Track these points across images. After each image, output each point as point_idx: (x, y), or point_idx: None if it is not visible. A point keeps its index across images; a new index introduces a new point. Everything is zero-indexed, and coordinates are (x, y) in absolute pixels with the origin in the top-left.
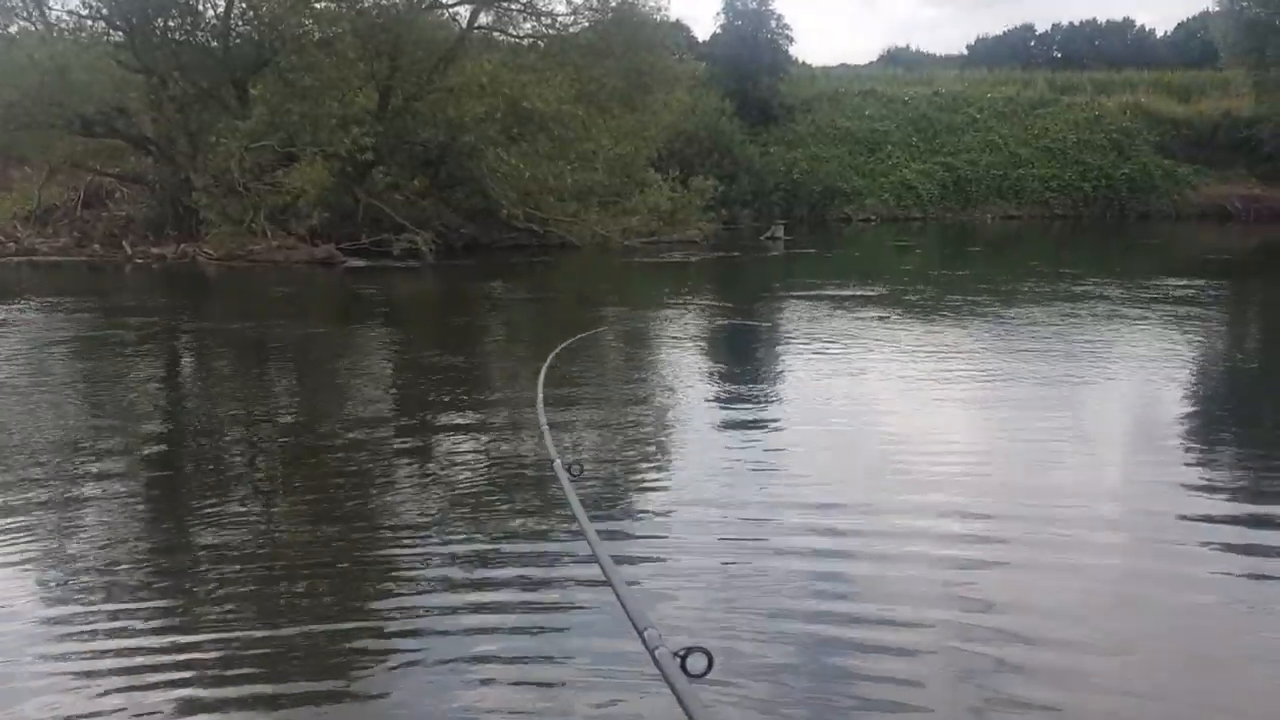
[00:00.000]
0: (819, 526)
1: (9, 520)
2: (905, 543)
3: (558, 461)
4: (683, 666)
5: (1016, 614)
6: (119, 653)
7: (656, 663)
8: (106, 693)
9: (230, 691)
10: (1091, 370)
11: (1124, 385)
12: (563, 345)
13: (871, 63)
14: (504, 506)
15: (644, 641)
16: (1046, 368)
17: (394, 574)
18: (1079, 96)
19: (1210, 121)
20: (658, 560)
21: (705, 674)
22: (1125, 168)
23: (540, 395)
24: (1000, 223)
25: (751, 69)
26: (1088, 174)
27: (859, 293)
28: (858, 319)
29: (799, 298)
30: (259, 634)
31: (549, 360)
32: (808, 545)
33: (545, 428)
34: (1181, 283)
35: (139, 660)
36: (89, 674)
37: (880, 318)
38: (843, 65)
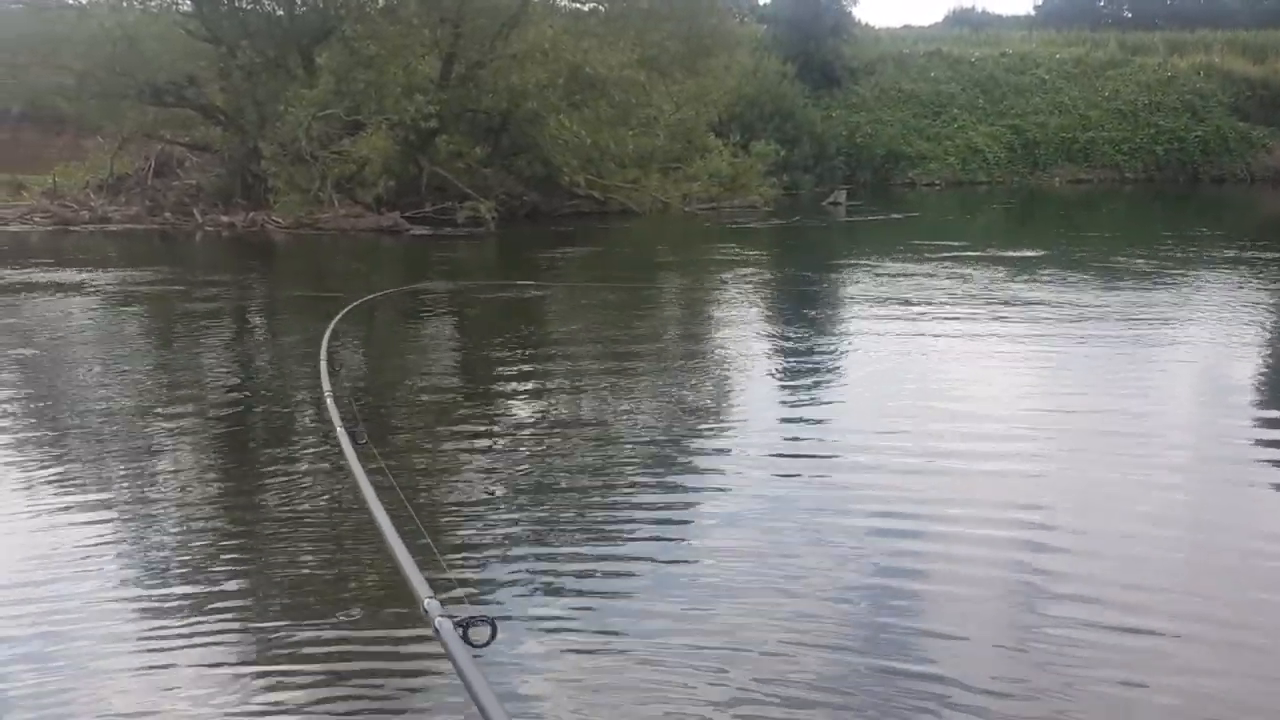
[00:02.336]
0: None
1: (85, 485)
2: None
3: (340, 429)
4: (465, 637)
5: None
6: (192, 616)
7: (438, 633)
8: (178, 664)
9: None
10: (1172, 332)
11: (1207, 350)
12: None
13: (936, 24)
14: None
15: (424, 611)
16: (1127, 330)
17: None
18: (1151, 57)
19: None
20: (453, 529)
21: (488, 644)
22: (1198, 130)
23: (324, 360)
24: (1069, 186)
25: (814, 31)
26: (1159, 137)
27: (927, 257)
28: (921, 283)
29: (858, 265)
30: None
31: (329, 328)
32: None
33: (329, 394)
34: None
35: (211, 625)
36: (163, 640)
37: (943, 282)
38: (906, 27)
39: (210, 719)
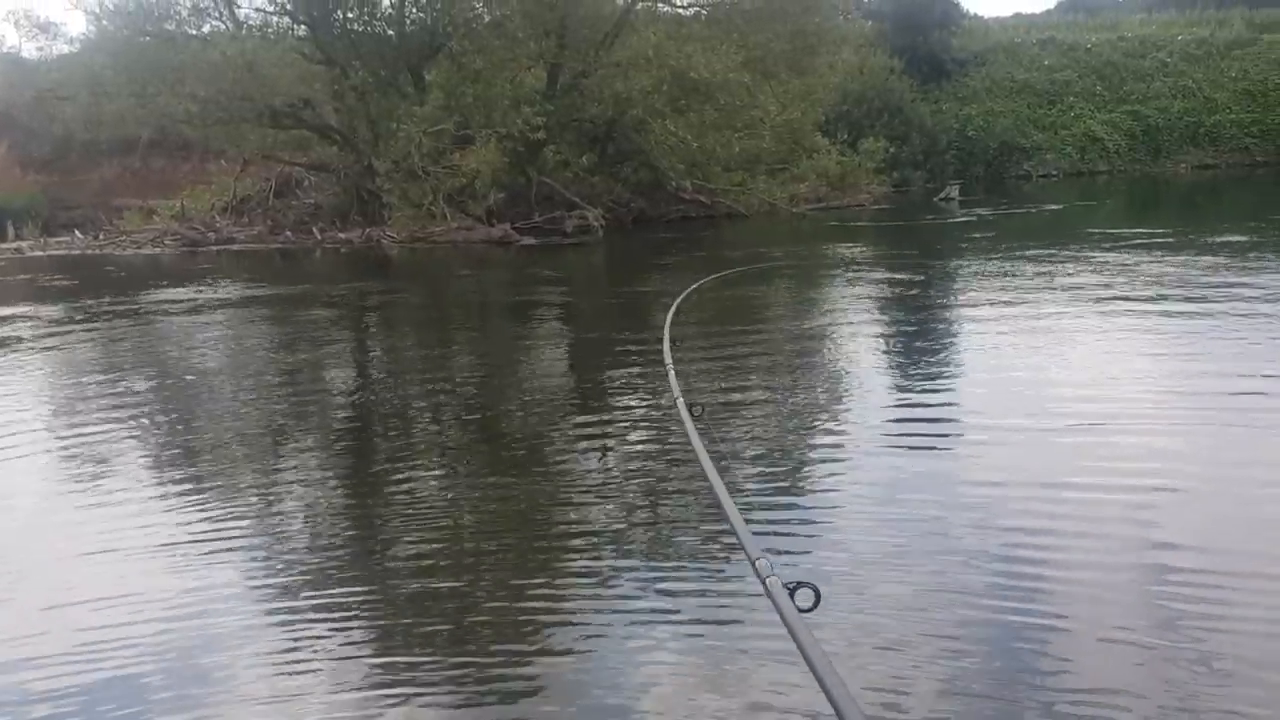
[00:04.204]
0: (948, 467)
1: (217, 495)
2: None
3: (680, 400)
4: (792, 599)
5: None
6: (322, 624)
7: (767, 590)
8: (307, 661)
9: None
10: None
11: None
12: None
13: (1049, 11)
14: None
15: (755, 570)
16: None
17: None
18: None
19: None
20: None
21: (812, 609)
22: None
23: (667, 338)
24: (1195, 173)
25: (920, 24)
26: None
27: (1045, 258)
28: (1034, 290)
29: (975, 264)
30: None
31: (672, 309)
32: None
33: (671, 368)
34: None
35: (340, 635)
36: (296, 650)
37: (1063, 286)
38: (1017, 15)
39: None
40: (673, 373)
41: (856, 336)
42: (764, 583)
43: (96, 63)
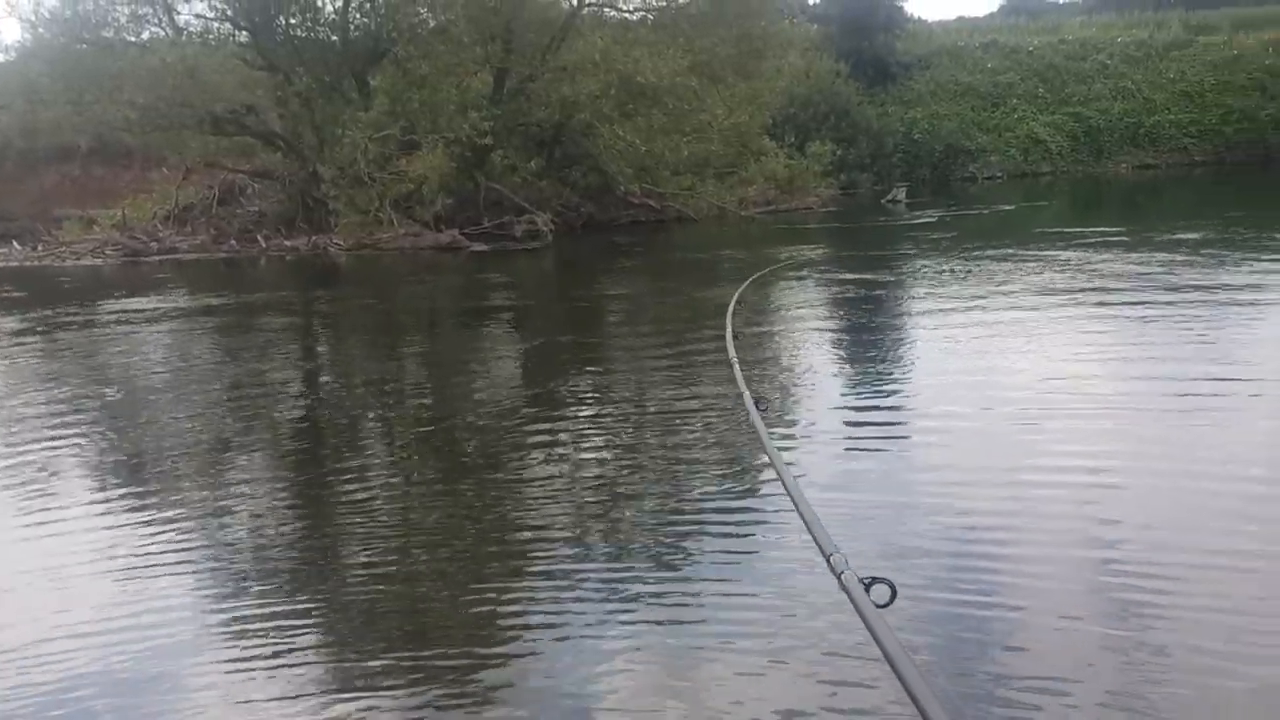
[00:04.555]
0: (1016, 468)
1: (164, 507)
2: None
3: (747, 393)
4: (867, 593)
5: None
6: (268, 630)
7: (843, 585)
8: (261, 670)
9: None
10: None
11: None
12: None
13: (991, 14)
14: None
15: (830, 566)
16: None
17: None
18: (1216, 36)
19: None
20: (844, 493)
21: (889, 604)
22: (1270, 108)
23: (730, 332)
24: (1135, 173)
25: (866, 28)
26: (1229, 117)
27: (993, 256)
28: (984, 288)
29: (925, 264)
30: (408, 630)
31: (734, 298)
32: (999, 485)
33: (735, 362)
34: None
35: (288, 637)
36: (248, 661)
37: (1012, 284)
38: (960, 19)
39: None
40: (738, 366)
41: (810, 342)
42: (839, 578)
43: (33, 70)
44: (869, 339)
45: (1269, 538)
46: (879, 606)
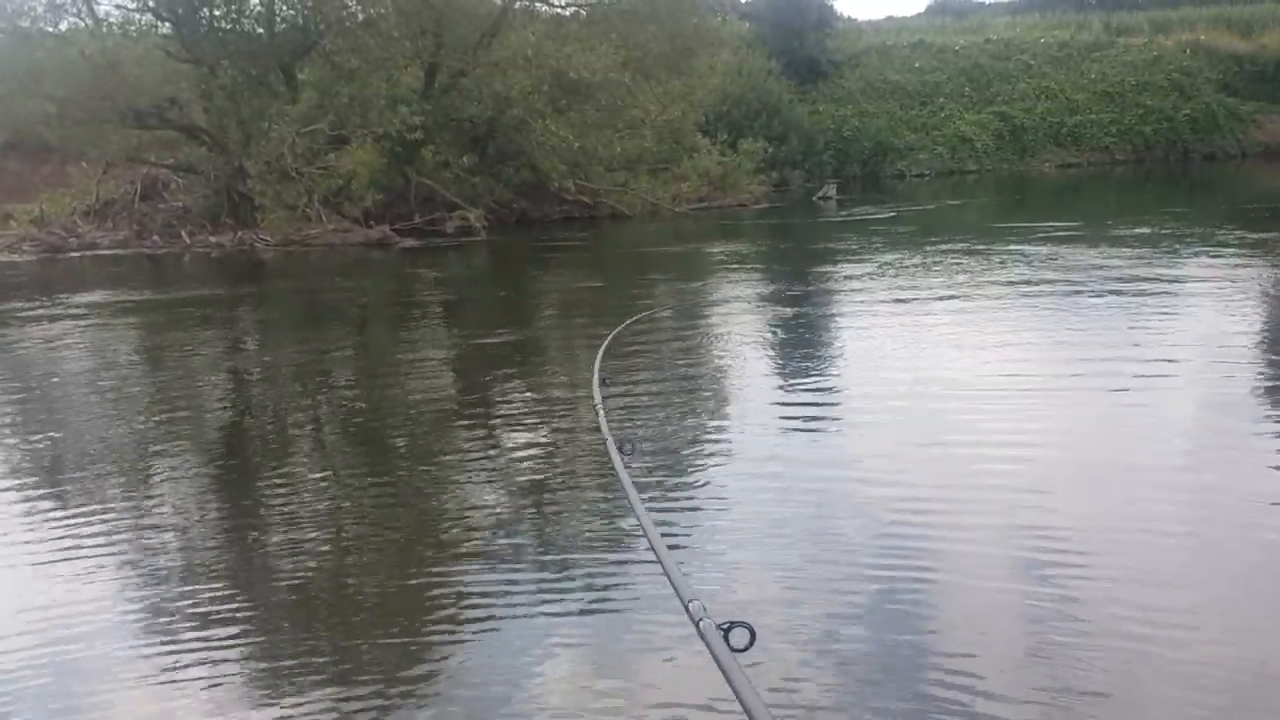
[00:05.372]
0: (880, 501)
1: (83, 511)
2: (971, 517)
3: (610, 440)
4: (726, 640)
5: (1099, 583)
6: (195, 627)
7: (701, 634)
8: (187, 665)
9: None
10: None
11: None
12: (616, 331)
13: (919, 14)
14: (559, 483)
15: (689, 613)
16: (1117, 329)
17: (454, 549)
18: (1136, 38)
19: (1275, 56)
20: (708, 536)
21: (747, 648)
22: (1187, 108)
23: (596, 375)
24: (1059, 171)
25: (797, 26)
26: (1148, 117)
27: (922, 251)
28: (916, 281)
29: (858, 260)
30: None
31: (605, 344)
32: (867, 520)
33: (599, 406)
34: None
35: (215, 633)
36: (172, 654)
37: (942, 277)
38: (889, 18)
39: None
40: (602, 412)
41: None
42: (697, 626)
43: None
44: (783, 342)
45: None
46: (737, 651)
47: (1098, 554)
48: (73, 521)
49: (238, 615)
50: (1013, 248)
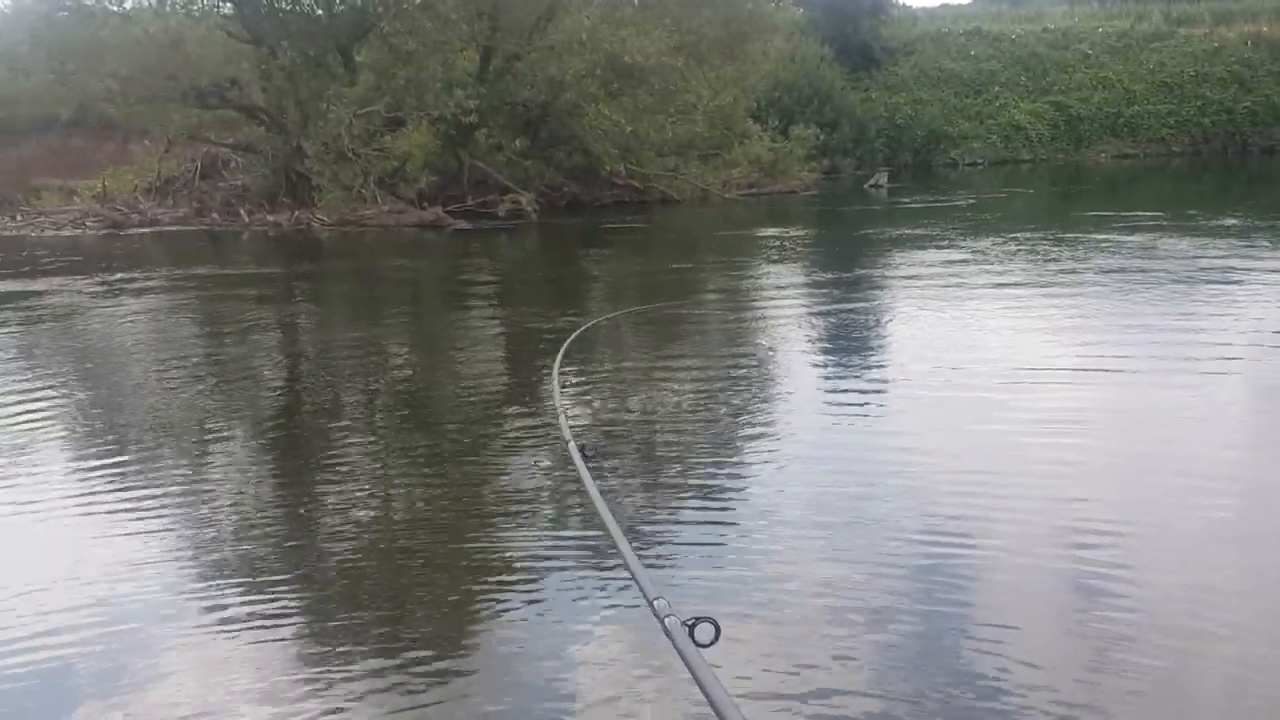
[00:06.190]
0: (926, 478)
1: (142, 483)
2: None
3: (572, 444)
4: (691, 635)
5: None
6: (247, 604)
7: (666, 631)
8: (236, 647)
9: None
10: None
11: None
12: (578, 333)
13: (975, 1)
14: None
15: (653, 611)
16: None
17: (495, 522)
18: (1197, 28)
19: None
20: (673, 533)
21: (712, 643)
22: (1247, 101)
23: (556, 378)
24: (1114, 162)
25: (851, 13)
26: (1207, 109)
27: (1007, 238)
28: (954, 274)
29: (944, 246)
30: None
31: (564, 347)
32: (914, 499)
33: (560, 408)
34: None
35: (267, 612)
36: (220, 633)
37: (1034, 264)
38: (944, 5)
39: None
40: (563, 416)
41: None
42: (663, 623)
43: (13, 39)
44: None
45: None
46: (701, 646)
47: (1146, 543)
48: (131, 489)
49: (289, 581)
50: (1098, 236)
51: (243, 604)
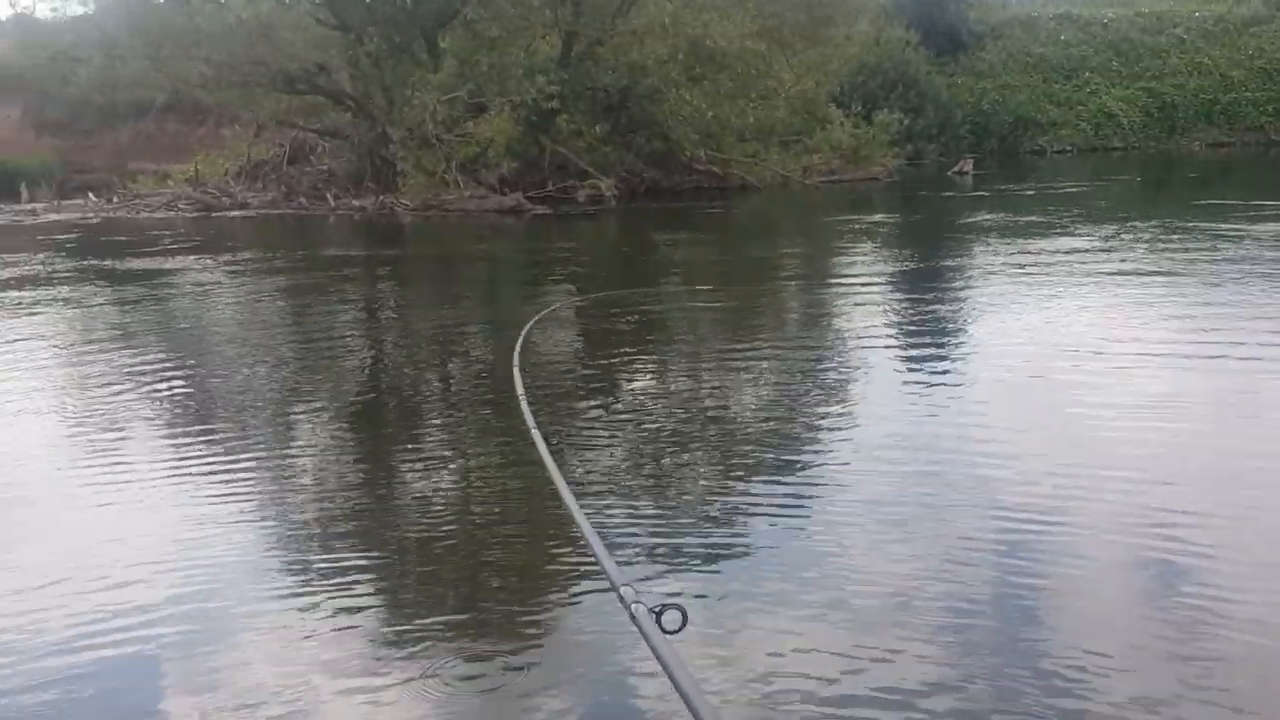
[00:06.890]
0: (995, 471)
1: (231, 457)
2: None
3: (535, 431)
4: (658, 622)
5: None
6: (328, 584)
7: (633, 618)
8: (318, 612)
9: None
10: None
11: None
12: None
13: None
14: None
15: (620, 598)
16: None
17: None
18: None
19: None
20: (640, 521)
21: (680, 630)
22: None
23: (516, 369)
24: (1209, 150)
25: None
26: None
27: (1127, 228)
28: (1133, 257)
29: (994, 236)
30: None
31: (523, 333)
32: (983, 491)
33: (522, 396)
34: None
35: (346, 590)
36: (304, 607)
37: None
38: None
39: (416, 691)
40: (524, 402)
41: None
42: (629, 610)
43: (111, 24)
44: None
45: None
46: (669, 633)
47: (1229, 540)
48: (213, 468)
49: (366, 563)
50: (1222, 226)
51: (324, 584)
